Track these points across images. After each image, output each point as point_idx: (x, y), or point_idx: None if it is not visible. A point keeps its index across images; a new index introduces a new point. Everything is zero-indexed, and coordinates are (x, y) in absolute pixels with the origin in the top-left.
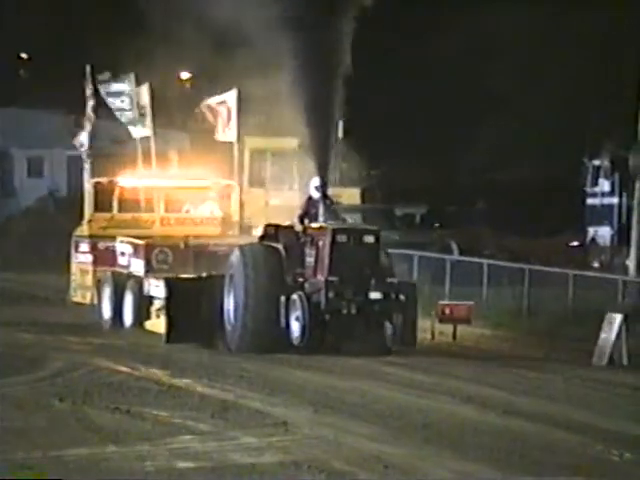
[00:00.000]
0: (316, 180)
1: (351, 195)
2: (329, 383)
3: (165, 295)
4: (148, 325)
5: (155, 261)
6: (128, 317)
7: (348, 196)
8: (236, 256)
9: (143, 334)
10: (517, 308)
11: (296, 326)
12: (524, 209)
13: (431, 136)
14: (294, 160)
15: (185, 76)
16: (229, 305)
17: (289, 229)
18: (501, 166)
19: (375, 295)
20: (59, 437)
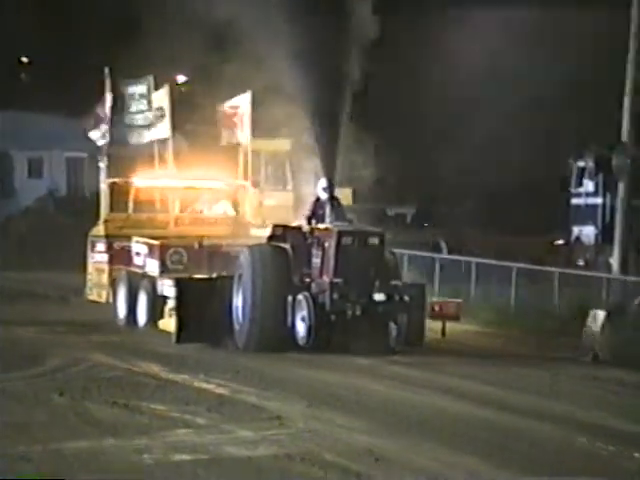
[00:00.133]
0: (323, 181)
1: (344, 195)
2: (324, 379)
3: (175, 295)
4: (161, 324)
5: (170, 261)
6: (142, 316)
7: (341, 197)
8: (245, 256)
9: (155, 333)
10: (505, 305)
11: (302, 326)
12: (511, 209)
13: (420, 137)
14: (287, 161)
15: (181, 79)
16: (237, 304)
17: (297, 230)
18: (488, 167)
19: (379, 297)
20: (59, 431)
